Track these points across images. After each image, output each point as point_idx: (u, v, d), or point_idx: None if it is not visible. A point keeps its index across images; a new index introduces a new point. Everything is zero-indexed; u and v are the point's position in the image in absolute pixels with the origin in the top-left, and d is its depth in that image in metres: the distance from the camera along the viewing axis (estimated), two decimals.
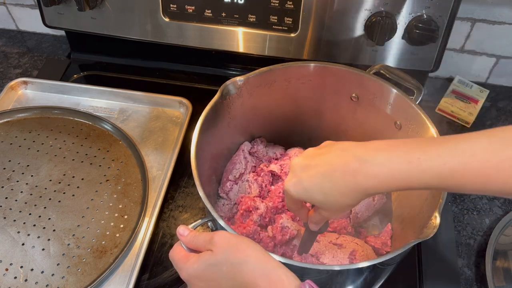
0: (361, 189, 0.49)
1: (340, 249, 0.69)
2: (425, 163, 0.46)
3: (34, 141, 0.89)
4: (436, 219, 0.56)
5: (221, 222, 0.57)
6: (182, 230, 0.56)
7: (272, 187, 0.80)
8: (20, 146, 0.88)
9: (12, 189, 0.81)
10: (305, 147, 0.89)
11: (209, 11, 0.90)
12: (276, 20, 0.89)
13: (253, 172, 0.82)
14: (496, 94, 1.04)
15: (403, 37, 0.86)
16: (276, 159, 0.85)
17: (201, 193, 0.60)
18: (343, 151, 0.51)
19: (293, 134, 0.87)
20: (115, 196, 0.81)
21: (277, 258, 0.52)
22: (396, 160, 0.47)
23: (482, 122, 0.98)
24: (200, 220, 0.60)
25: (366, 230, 0.77)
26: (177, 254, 0.54)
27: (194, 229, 0.57)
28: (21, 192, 0.81)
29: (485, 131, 0.46)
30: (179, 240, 0.56)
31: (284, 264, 0.50)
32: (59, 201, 0.80)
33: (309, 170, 0.52)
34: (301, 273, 0.54)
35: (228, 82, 0.73)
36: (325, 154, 0.53)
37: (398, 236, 0.73)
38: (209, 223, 0.60)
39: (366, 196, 0.50)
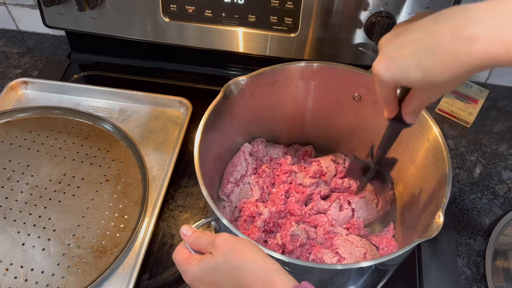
0: (477, 60, 0.40)
1: (357, 248, 0.69)
2: None
3: (34, 141, 0.89)
4: (440, 218, 0.56)
5: (225, 221, 0.57)
6: (185, 230, 0.56)
7: (274, 189, 0.80)
8: (20, 146, 0.88)
9: (12, 189, 0.81)
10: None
11: (209, 11, 0.90)
12: (276, 20, 0.89)
13: (254, 173, 0.82)
14: (496, 94, 1.04)
15: None
16: (270, 160, 0.85)
17: (204, 192, 0.60)
18: (453, 16, 0.41)
19: (295, 133, 0.87)
20: (115, 196, 0.81)
21: (280, 257, 0.52)
22: None
23: (482, 122, 0.99)
24: (203, 220, 0.60)
25: (367, 230, 0.77)
26: (180, 257, 0.54)
27: (198, 228, 0.57)
28: (21, 192, 0.81)
29: None
30: (182, 242, 0.56)
31: (288, 263, 0.50)
32: (59, 201, 0.80)
33: (405, 47, 0.44)
34: (304, 272, 0.54)
35: (230, 82, 0.73)
36: (425, 25, 0.44)
37: (400, 235, 0.74)
38: (212, 223, 0.60)
39: (479, 70, 0.41)
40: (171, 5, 0.91)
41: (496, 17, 0.39)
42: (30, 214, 0.78)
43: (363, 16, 0.85)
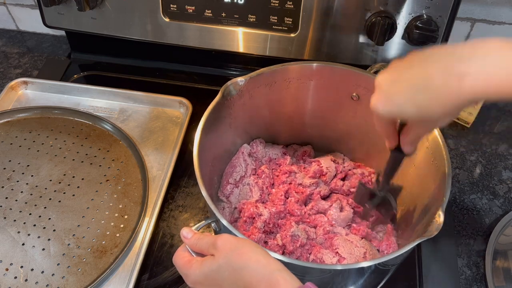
0: (467, 95, 0.43)
1: (356, 248, 0.69)
2: None
3: (34, 141, 0.89)
4: (440, 218, 0.56)
5: (225, 222, 0.57)
6: (186, 233, 0.55)
7: (273, 190, 0.80)
8: (20, 146, 0.88)
9: (12, 189, 0.81)
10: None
11: (209, 11, 0.90)
12: (276, 20, 0.89)
13: (253, 174, 0.82)
14: None
15: (403, 37, 0.86)
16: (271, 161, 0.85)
17: (204, 193, 0.60)
18: (443, 55, 0.46)
19: (293, 134, 0.87)
20: (115, 196, 0.81)
21: (280, 258, 0.52)
22: None
23: (482, 122, 0.98)
24: (204, 221, 0.60)
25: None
26: (181, 260, 0.54)
27: (198, 230, 0.57)
28: (21, 192, 0.81)
29: None
30: (182, 245, 0.56)
31: (287, 263, 0.50)
32: (59, 201, 0.80)
33: (400, 84, 0.48)
34: (304, 272, 0.54)
35: (229, 82, 0.72)
36: (417, 64, 0.48)
37: (400, 235, 0.74)
38: (212, 224, 0.60)
39: (469, 104, 0.45)
40: (171, 5, 0.91)
41: (481, 56, 0.43)
42: (30, 214, 0.78)
43: (363, 16, 0.85)
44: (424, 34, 0.82)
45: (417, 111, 0.47)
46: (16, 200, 0.80)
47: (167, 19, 0.93)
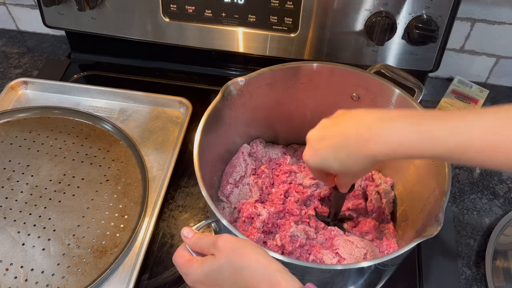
0: (373, 156, 0.52)
1: (357, 248, 0.69)
2: (433, 135, 0.48)
3: (34, 141, 0.89)
4: (440, 218, 0.56)
5: (225, 222, 0.57)
6: (186, 232, 0.56)
7: (273, 189, 0.80)
8: (20, 146, 0.88)
9: (12, 189, 0.81)
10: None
11: (209, 11, 0.90)
12: (276, 20, 0.89)
13: (253, 174, 0.82)
14: (496, 94, 1.04)
15: (403, 37, 0.86)
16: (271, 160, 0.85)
17: (204, 193, 0.60)
18: (354, 120, 0.55)
19: (293, 134, 0.87)
20: (115, 196, 0.81)
21: (280, 258, 0.52)
22: (406, 129, 0.50)
23: None
24: (204, 221, 0.60)
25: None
26: (181, 259, 0.54)
27: (198, 230, 0.57)
28: (21, 192, 0.81)
29: (491, 108, 0.47)
30: (182, 244, 0.56)
31: (288, 263, 0.50)
32: (59, 201, 0.80)
33: (324, 142, 0.57)
34: (304, 272, 0.54)
35: (229, 82, 0.72)
36: (338, 124, 0.56)
37: (400, 235, 0.74)
38: (212, 224, 0.60)
39: (378, 162, 0.53)
40: (171, 5, 0.91)
41: (380, 123, 0.51)
42: (30, 214, 0.78)
43: (363, 16, 0.85)
44: (424, 34, 0.82)
45: (339, 165, 0.56)
46: (16, 200, 0.80)
47: (167, 19, 0.93)
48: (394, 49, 0.89)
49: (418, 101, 0.71)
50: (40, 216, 0.78)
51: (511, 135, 0.45)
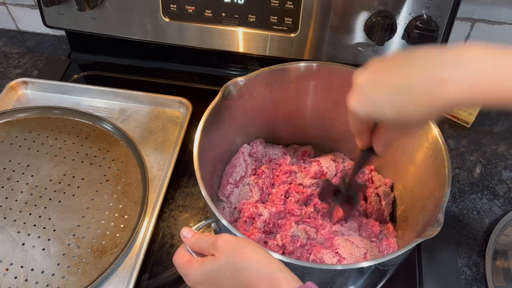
0: (448, 101, 0.43)
1: (357, 248, 0.69)
2: None
3: (34, 141, 0.89)
4: (440, 218, 0.56)
5: (225, 222, 0.57)
6: (186, 233, 0.55)
7: (273, 190, 0.80)
8: (20, 146, 0.88)
9: (12, 189, 0.81)
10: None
11: (209, 11, 0.90)
12: (276, 20, 0.89)
13: (253, 174, 0.82)
14: None
15: (403, 37, 0.86)
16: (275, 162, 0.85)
17: (204, 193, 0.60)
18: (425, 59, 0.45)
19: (293, 134, 0.87)
20: (115, 196, 0.81)
21: (280, 258, 0.52)
22: (503, 69, 0.41)
23: (482, 122, 0.98)
24: (204, 221, 0.60)
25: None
26: (180, 260, 0.54)
27: (198, 230, 0.57)
28: (21, 192, 0.81)
29: None
30: (182, 245, 0.56)
31: (288, 263, 0.50)
32: (59, 201, 0.80)
33: (380, 85, 0.47)
34: (304, 272, 0.54)
35: (229, 82, 0.73)
36: (399, 67, 0.47)
37: (400, 235, 0.74)
38: (212, 224, 0.60)
39: (449, 110, 0.47)
40: (171, 5, 0.91)
41: (464, 62, 0.42)
42: (30, 214, 0.78)
43: (363, 16, 0.85)
44: (424, 34, 0.82)
45: (397, 114, 0.47)
46: (16, 200, 0.80)
47: (167, 19, 0.93)
48: (394, 49, 0.89)
49: None
50: (40, 216, 0.78)
51: None
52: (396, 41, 0.87)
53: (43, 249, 0.74)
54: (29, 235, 0.75)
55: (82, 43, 1.09)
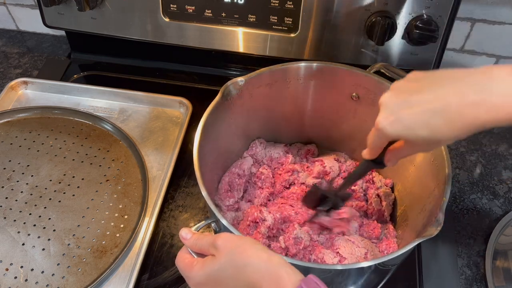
0: (479, 122, 0.45)
1: (357, 248, 0.69)
2: None
3: (34, 141, 0.89)
4: (440, 218, 0.56)
5: (225, 223, 0.57)
6: (184, 233, 0.55)
7: (278, 188, 0.79)
8: (20, 146, 0.88)
9: (12, 189, 0.81)
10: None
11: (209, 11, 0.90)
12: (276, 20, 0.89)
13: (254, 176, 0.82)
14: None
15: (403, 37, 0.86)
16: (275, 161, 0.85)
17: (204, 193, 0.60)
18: (456, 81, 0.47)
19: (294, 134, 0.87)
20: (115, 196, 0.81)
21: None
22: None
23: None
24: (204, 221, 0.60)
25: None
26: (182, 262, 0.54)
27: (198, 230, 0.57)
28: (21, 192, 0.81)
29: None
30: (183, 247, 0.56)
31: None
32: (59, 201, 0.80)
33: (412, 107, 0.48)
34: (305, 272, 0.54)
35: (229, 82, 0.72)
36: (431, 87, 0.48)
37: (400, 235, 0.73)
38: (212, 224, 0.60)
39: (481, 129, 0.47)
40: (171, 5, 0.91)
41: (495, 84, 0.45)
42: (30, 214, 0.78)
43: (363, 16, 0.85)
44: (424, 34, 0.82)
45: (430, 134, 0.48)
46: (16, 200, 0.80)
47: (167, 19, 0.93)
48: (394, 49, 0.89)
49: None
50: (40, 216, 0.78)
51: None
52: (396, 41, 0.87)
53: (43, 249, 0.74)
54: (29, 235, 0.75)
55: (82, 43, 1.09)
